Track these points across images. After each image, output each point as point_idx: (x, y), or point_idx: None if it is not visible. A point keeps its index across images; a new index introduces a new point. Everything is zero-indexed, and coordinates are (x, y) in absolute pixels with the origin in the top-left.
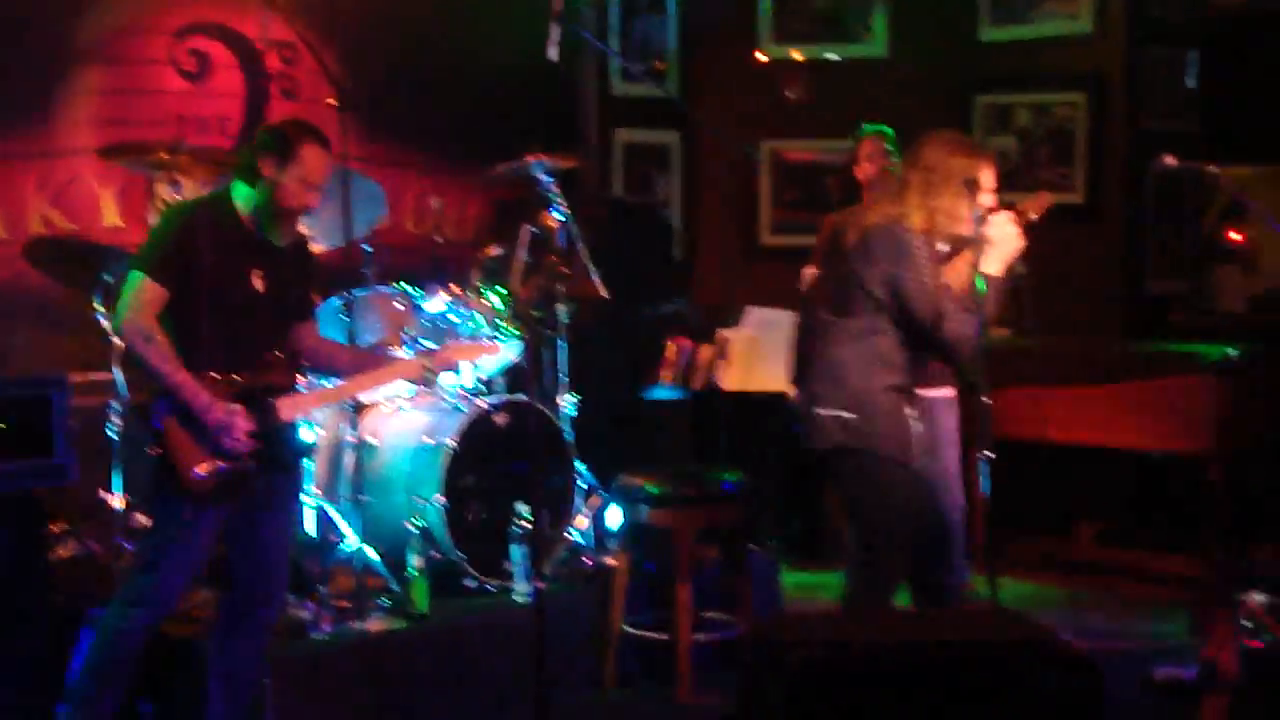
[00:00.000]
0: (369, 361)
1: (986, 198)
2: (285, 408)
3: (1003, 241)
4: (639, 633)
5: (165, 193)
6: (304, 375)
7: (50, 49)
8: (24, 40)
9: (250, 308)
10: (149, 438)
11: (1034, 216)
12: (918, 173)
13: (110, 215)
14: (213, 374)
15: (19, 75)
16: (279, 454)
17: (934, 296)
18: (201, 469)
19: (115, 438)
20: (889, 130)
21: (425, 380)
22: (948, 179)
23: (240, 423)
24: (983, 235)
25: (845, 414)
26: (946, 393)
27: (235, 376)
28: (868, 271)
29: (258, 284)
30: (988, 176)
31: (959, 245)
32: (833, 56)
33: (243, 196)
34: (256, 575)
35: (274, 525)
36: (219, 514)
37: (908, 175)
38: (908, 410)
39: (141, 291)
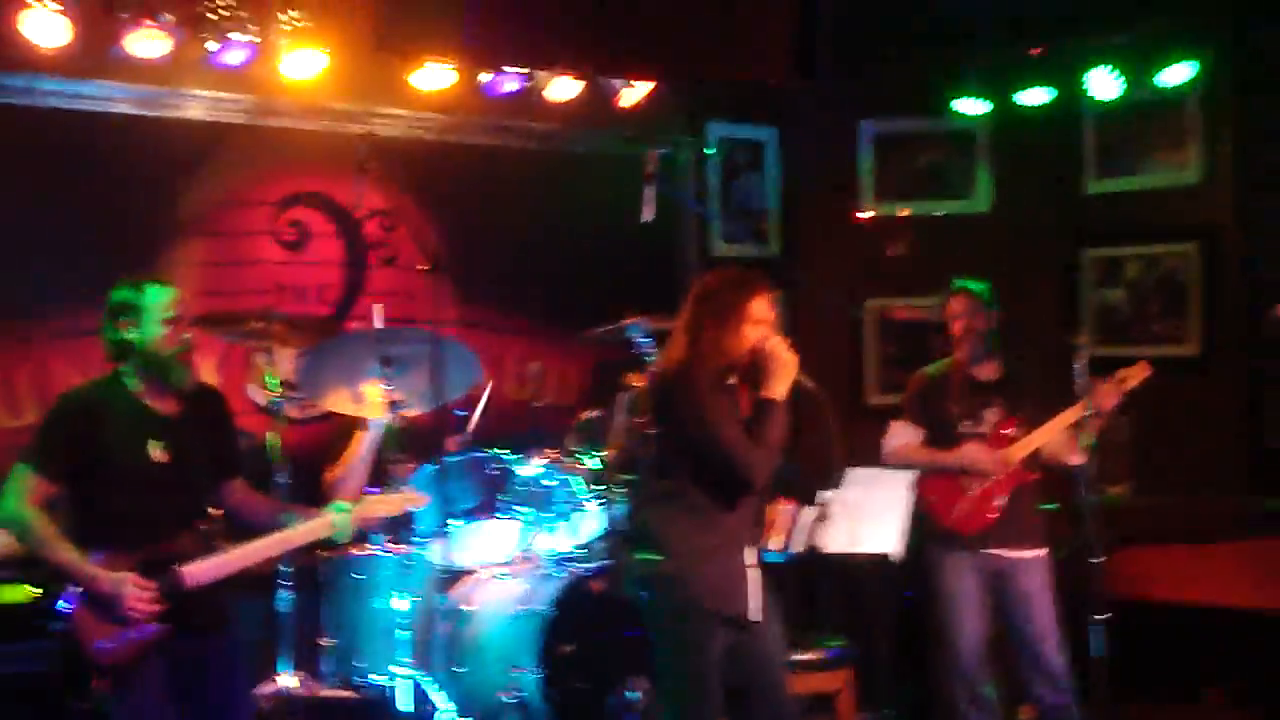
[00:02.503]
0: (282, 518)
1: (758, 329)
2: (191, 575)
3: (781, 368)
4: None
5: (261, 361)
6: (225, 537)
7: (155, 222)
8: (130, 214)
9: (150, 480)
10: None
11: (1132, 385)
12: (689, 314)
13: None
14: (113, 552)
15: (125, 247)
16: (191, 619)
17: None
18: (105, 641)
19: None
20: (976, 286)
21: (343, 539)
22: (719, 312)
23: (129, 590)
24: (763, 363)
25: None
26: (1031, 553)
27: (137, 552)
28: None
29: (158, 455)
30: (761, 305)
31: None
32: (938, 213)
33: (127, 371)
34: None
35: (221, 692)
36: (146, 688)
37: (680, 320)
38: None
39: (24, 482)
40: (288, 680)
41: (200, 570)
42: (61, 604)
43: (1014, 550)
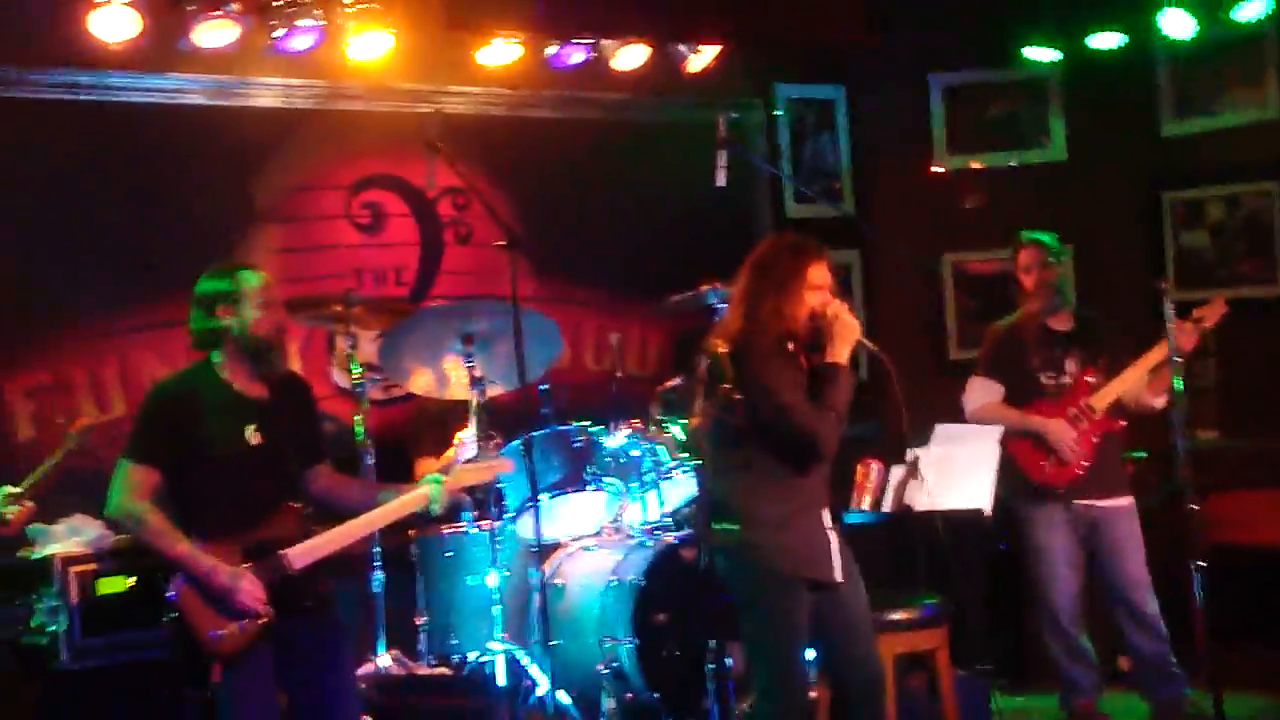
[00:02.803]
0: (378, 496)
1: (817, 295)
2: (296, 557)
3: (843, 331)
4: None
5: (343, 344)
6: (318, 520)
7: (231, 211)
8: (205, 204)
9: (248, 464)
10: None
11: (1209, 325)
12: (746, 282)
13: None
14: (216, 538)
15: (202, 238)
16: (298, 602)
17: (780, 393)
18: (218, 630)
19: None
20: (1045, 237)
21: (437, 511)
22: (775, 278)
23: (245, 584)
24: (825, 328)
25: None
26: (1120, 501)
27: (240, 536)
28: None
29: (252, 439)
30: (818, 272)
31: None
32: (1012, 163)
33: (218, 359)
34: None
35: (331, 677)
36: (255, 675)
37: (737, 287)
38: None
39: (129, 476)
40: (385, 660)
41: (303, 552)
42: (171, 593)
43: (1103, 499)
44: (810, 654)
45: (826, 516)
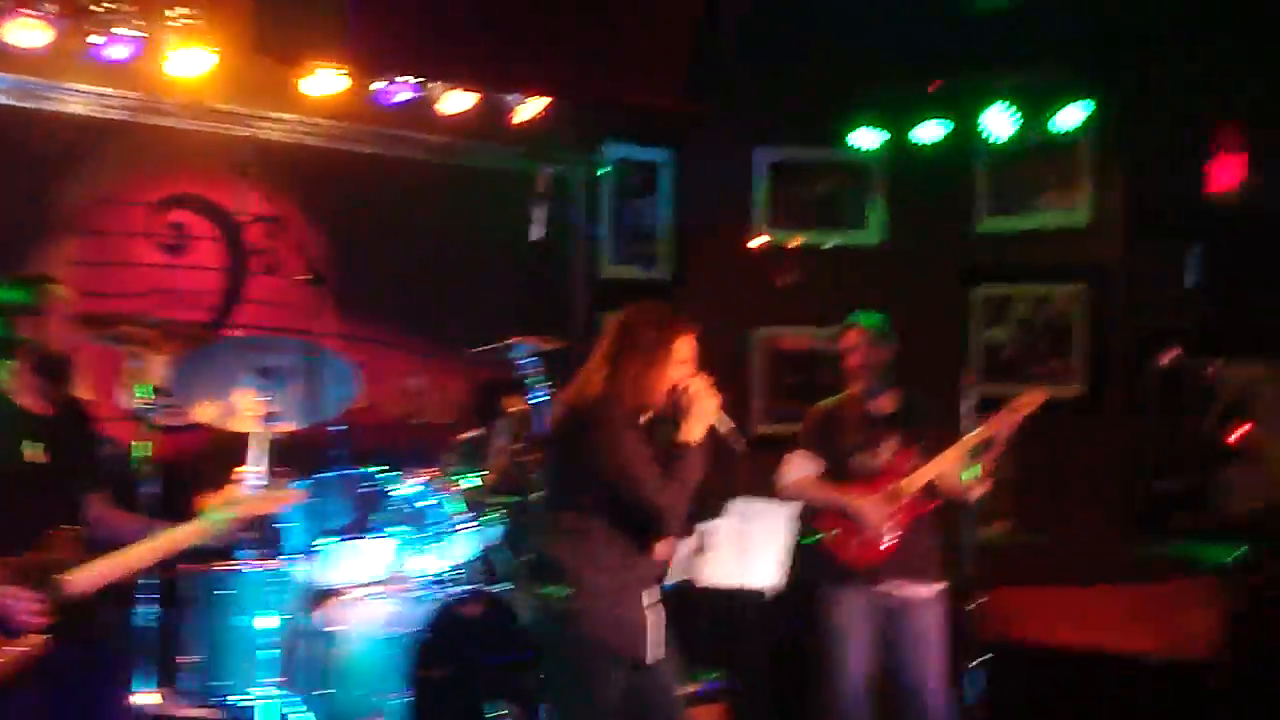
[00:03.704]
0: (153, 530)
1: (681, 369)
2: (74, 583)
3: (700, 410)
4: None
5: (132, 367)
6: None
7: (28, 219)
8: (3, 209)
9: (27, 482)
10: None
11: (1028, 412)
12: (610, 345)
13: (81, 389)
14: None
15: None
16: (75, 630)
17: (632, 464)
18: None
19: None
20: (872, 319)
21: (223, 539)
22: (639, 348)
23: (23, 602)
24: (683, 404)
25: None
26: (926, 589)
27: (13, 557)
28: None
29: (33, 457)
30: (684, 346)
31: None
32: (830, 244)
33: (4, 371)
34: None
35: (98, 704)
36: (24, 702)
37: (600, 349)
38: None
39: None
40: (147, 697)
41: (82, 578)
42: None
43: (909, 585)
44: None
45: (653, 593)
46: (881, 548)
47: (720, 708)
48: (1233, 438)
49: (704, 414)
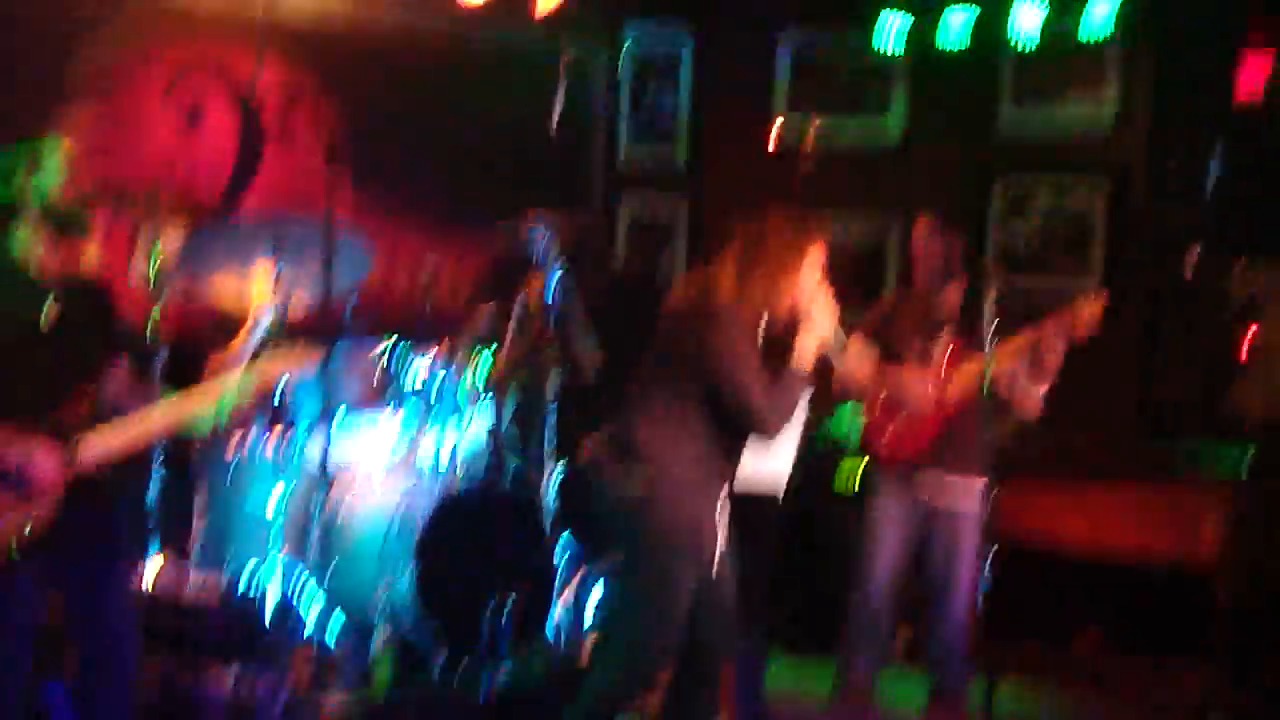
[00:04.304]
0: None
1: (808, 285)
2: (89, 447)
3: (819, 326)
4: None
5: (146, 239)
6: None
7: (46, 84)
8: (17, 74)
9: (43, 345)
10: None
11: (1084, 319)
12: (739, 250)
13: (95, 258)
14: (3, 418)
15: (12, 108)
16: (89, 495)
17: (743, 371)
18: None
19: None
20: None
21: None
22: (769, 259)
23: (42, 456)
24: (801, 316)
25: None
26: (964, 479)
27: (29, 418)
28: (680, 345)
29: (50, 320)
30: (812, 262)
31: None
32: (851, 131)
33: (14, 235)
34: (100, 628)
35: (106, 576)
36: (32, 575)
37: (729, 252)
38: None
39: None
40: (156, 569)
41: (97, 444)
42: None
43: (940, 492)
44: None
45: (725, 500)
46: (920, 441)
47: None
48: (1245, 340)
49: (821, 329)
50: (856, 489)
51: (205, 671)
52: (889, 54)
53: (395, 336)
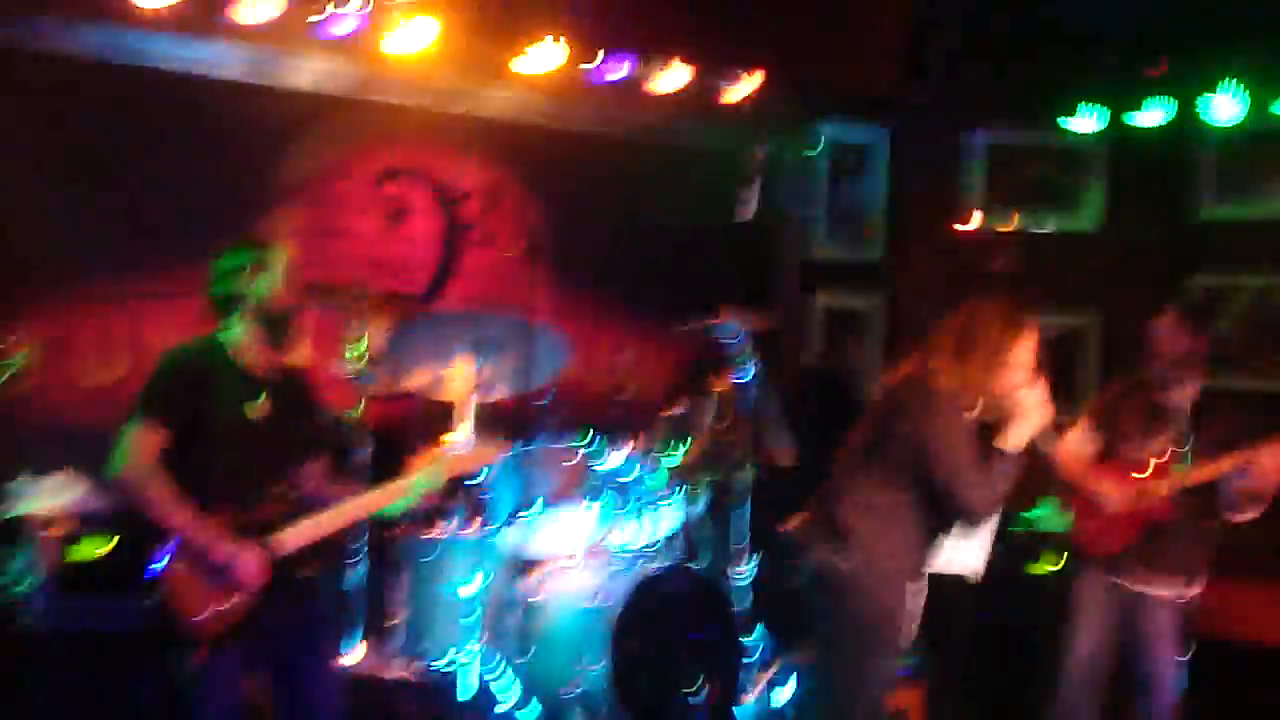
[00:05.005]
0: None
1: (1020, 372)
2: (287, 540)
3: (1029, 415)
4: None
5: (351, 335)
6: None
7: (256, 190)
8: (231, 180)
9: (249, 440)
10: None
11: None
12: (955, 337)
13: (302, 356)
14: (210, 513)
15: (225, 213)
16: (285, 589)
17: (955, 454)
18: (201, 608)
19: None
20: (1188, 306)
21: (429, 500)
22: (984, 347)
23: (246, 558)
24: (1012, 407)
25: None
26: (1165, 591)
27: (234, 514)
28: (893, 426)
29: (253, 415)
30: (1025, 350)
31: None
32: (1046, 228)
33: (229, 331)
34: (304, 713)
35: (313, 665)
36: (234, 659)
37: (944, 338)
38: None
39: (137, 437)
40: (354, 658)
41: (291, 537)
42: (155, 564)
43: (1144, 584)
44: None
45: (922, 584)
46: (1119, 541)
47: (916, 690)
48: None
49: (1032, 422)
50: (1057, 575)
51: None
52: (1082, 150)
53: (591, 430)
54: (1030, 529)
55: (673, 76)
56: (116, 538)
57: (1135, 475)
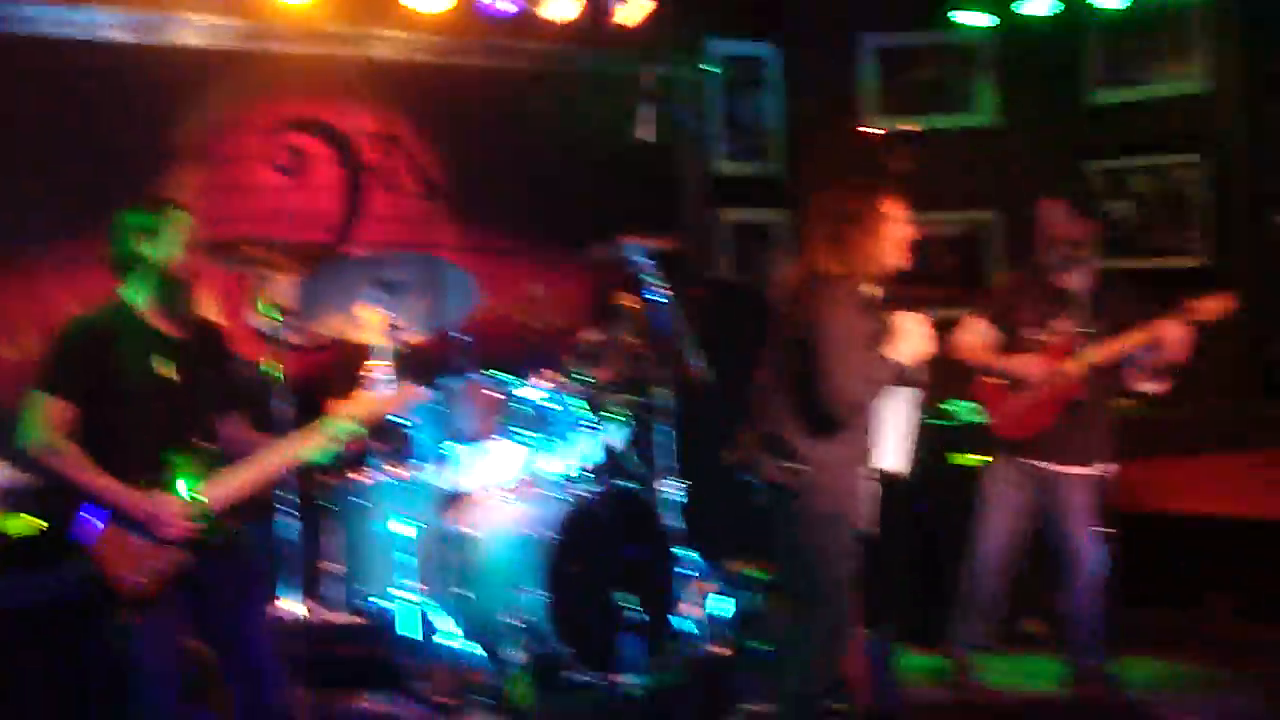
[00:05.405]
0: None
1: (900, 227)
2: (210, 495)
3: (909, 338)
4: None
5: (259, 289)
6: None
7: (150, 150)
8: (124, 142)
9: (159, 399)
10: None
11: (1205, 318)
12: (825, 226)
13: (210, 313)
14: (126, 475)
15: (121, 176)
16: (214, 543)
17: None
18: (128, 570)
19: None
20: (1072, 191)
21: (352, 444)
22: (855, 223)
23: (170, 510)
24: (892, 327)
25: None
26: (1077, 470)
27: (150, 473)
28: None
29: (165, 372)
30: (894, 217)
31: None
32: (941, 126)
33: (133, 291)
34: (246, 668)
35: (249, 620)
36: (170, 616)
37: (816, 230)
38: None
39: (45, 409)
40: (292, 606)
41: (217, 491)
42: (80, 533)
43: (1058, 465)
44: None
45: (867, 467)
46: (1032, 424)
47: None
48: None
49: (912, 344)
50: (974, 465)
51: (348, 698)
52: (973, 47)
53: (509, 363)
54: (949, 422)
55: (564, 4)
56: (42, 511)
57: (1043, 358)
